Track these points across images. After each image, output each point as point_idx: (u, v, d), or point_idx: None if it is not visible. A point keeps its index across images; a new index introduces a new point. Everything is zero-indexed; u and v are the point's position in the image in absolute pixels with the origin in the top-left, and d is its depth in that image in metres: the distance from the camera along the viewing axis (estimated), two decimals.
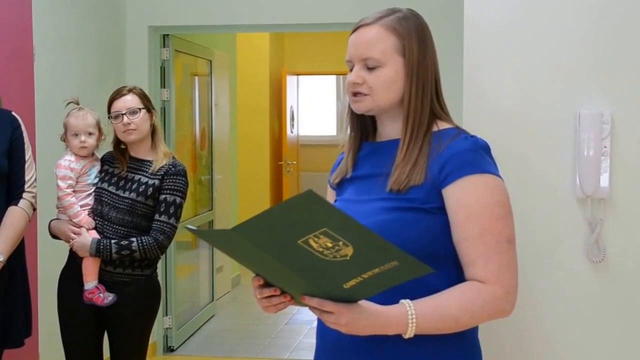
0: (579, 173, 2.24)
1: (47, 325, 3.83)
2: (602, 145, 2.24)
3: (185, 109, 6.13)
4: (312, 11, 5.14)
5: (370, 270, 1.46)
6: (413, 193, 1.70)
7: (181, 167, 3.41)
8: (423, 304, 1.63)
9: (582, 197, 2.25)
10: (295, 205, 1.38)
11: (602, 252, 2.25)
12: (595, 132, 2.22)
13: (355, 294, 1.54)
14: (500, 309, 1.68)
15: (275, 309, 1.66)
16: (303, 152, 10.14)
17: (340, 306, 1.55)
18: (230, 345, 5.85)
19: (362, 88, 1.76)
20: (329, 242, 1.41)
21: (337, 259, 1.44)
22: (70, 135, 3.35)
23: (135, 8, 5.28)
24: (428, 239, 1.68)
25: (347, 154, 1.89)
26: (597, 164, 2.23)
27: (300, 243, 1.42)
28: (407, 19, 1.78)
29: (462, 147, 1.71)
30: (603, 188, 2.24)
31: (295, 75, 9.83)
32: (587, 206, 2.25)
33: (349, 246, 1.41)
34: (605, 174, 2.24)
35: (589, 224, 2.26)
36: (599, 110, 2.24)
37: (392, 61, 1.74)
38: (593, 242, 2.25)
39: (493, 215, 1.67)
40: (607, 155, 2.24)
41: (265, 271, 1.59)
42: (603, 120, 2.24)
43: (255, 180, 8.87)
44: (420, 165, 1.71)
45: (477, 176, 1.68)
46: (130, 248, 3.26)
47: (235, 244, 1.48)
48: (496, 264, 1.66)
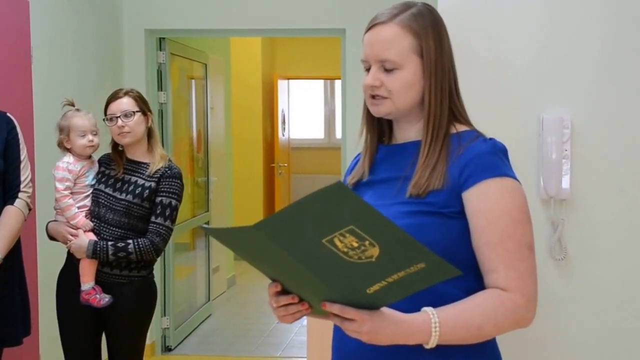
0: (543, 175, 2.35)
1: (48, 325, 3.81)
2: (563, 148, 2.33)
3: (182, 112, 6.15)
4: (302, 17, 5.26)
5: (396, 273, 1.38)
6: (432, 197, 1.63)
7: (177, 170, 3.42)
8: (446, 312, 1.55)
9: (546, 198, 2.35)
10: (323, 197, 1.29)
11: (563, 251, 2.36)
12: (557, 136, 2.32)
13: (378, 299, 1.45)
14: (522, 317, 1.60)
15: (292, 318, 1.55)
16: (294, 155, 10.23)
17: (363, 313, 1.46)
18: (225, 344, 5.94)
19: (380, 91, 1.69)
20: (355, 241, 1.33)
21: (362, 261, 1.36)
22: (77, 135, 3.35)
23: (131, 11, 5.32)
24: (447, 244, 1.61)
25: (363, 157, 1.81)
26: (559, 167, 2.33)
27: (325, 242, 1.33)
28: (423, 16, 1.69)
29: (482, 150, 1.65)
30: (564, 189, 2.35)
31: (286, 79, 9.90)
32: (550, 207, 2.36)
33: (375, 246, 1.34)
34: (566, 176, 2.34)
35: (551, 224, 2.37)
36: (560, 115, 2.34)
37: (409, 62, 1.67)
38: (555, 241, 2.36)
39: (514, 220, 1.61)
40: (568, 158, 2.34)
41: (283, 275, 1.49)
42: (564, 125, 2.33)
43: (249, 182, 8.95)
44: (439, 169, 1.65)
45: (497, 179, 1.62)
46: (127, 250, 3.29)
47: (254, 244, 1.38)
48: (517, 271, 1.59)
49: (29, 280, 3.29)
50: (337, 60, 6.25)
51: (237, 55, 8.20)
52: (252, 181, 9.02)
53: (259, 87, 9.03)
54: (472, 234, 1.62)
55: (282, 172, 9.48)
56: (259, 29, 5.42)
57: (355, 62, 5.06)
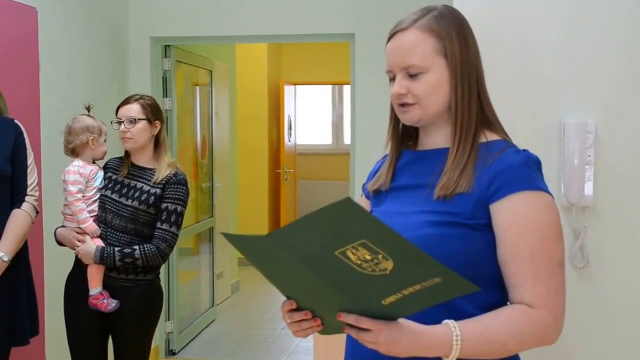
0: (564, 181, 2.30)
1: (54, 326, 3.88)
2: (586, 154, 2.28)
3: (187, 118, 6.18)
4: (309, 22, 5.22)
5: (411, 286, 1.35)
6: (458, 203, 1.59)
7: (182, 177, 3.46)
8: (468, 325, 1.50)
9: (567, 205, 2.30)
10: (331, 213, 1.27)
11: (585, 259, 2.31)
12: (579, 141, 2.27)
13: (394, 311, 1.42)
14: (548, 335, 1.54)
15: (304, 333, 1.53)
16: (300, 160, 10.20)
17: (379, 323, 1.42)
18: (229, 349, 5.92)
19: (407, 98, 1.65)
20: (368, 254, 1.31)
21: (376, 273, 1.33)
22: (103, 140, 3.48)
23: (137, 19, 5.33)
24: (471, 256, 1.56)
25: (387, 164, 1.77)
26: (582, 173, 2.28)
27: (337, 254, 1.31)
28: (444, 17, 1.65)
29: (514, 162, 1.59)
30: (587, 196, 2.30)
31: (292, 85, 9.88)
32: (571, 214, 2.31)
33: (389, 260, 1.31)
34: (589, 183, 2.29)
35: (573, 231, 2.31)
36: (583, 119, 2.29)
37: (434, 65, 1.63)
38: (577, 249, 2.31)
39: (545, 236, 1.55)
40: (591, 164, 2.29)
41: (298, 288, 1.47)
42: (587, 130, 2.28)
43: (254, 188, 8.94)
44: (467, 172, 1.60)
45: (529, 193, 1.56)
46: (133, 256, 3.32)
47: (269, 254, 1.37)
48: (546, 287, 1.53)
49: (35, 282, 3.34)
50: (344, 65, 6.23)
51: (242, 61, 8.20)
52: (257, 187, 9.00)
53: (265, 93, 9.01)
54: (500, 247, 1.57)
55: (288, 178, 9.44)
56: (267, 34, 5.39)
57: (365, 66, 5.08)
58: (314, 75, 10.00)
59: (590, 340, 2.34)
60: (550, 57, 2.33)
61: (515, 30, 2.35)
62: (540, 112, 2.34)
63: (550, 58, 2.33)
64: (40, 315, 3.40)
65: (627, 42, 2.30)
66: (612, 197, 2.31)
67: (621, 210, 2.31)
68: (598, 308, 2.33)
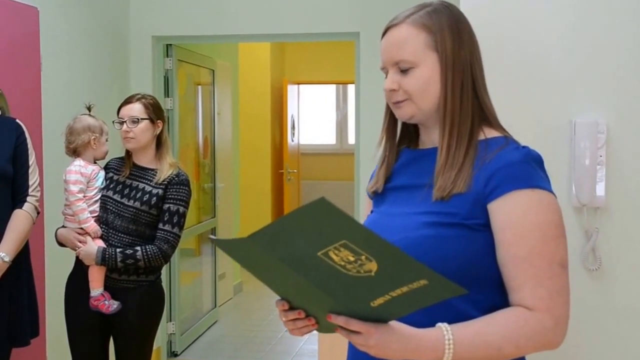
0: (575, 182, 2.26)
1: (54, 327, 3.88)
2: (597, 154, 2.24)
3: (189, 118, 6.16)
4: (313, 21, 5.18)
5: (398, 288, 1.32)
6: (455, 203, 1.54)
7: (184, 177, 3.44)
8: (462, 329, 1.45)
9: (578, 206, 2.27)
10: (307, 213, 1.24)
11: (598, 261, 2.27)
12: (591, 141, 2.23)
13: (384, 313, 1.39)
14: (549, 340, 1.48)
15: (300, 332, 1.50)
16: (304, 160, 10.16)
17: (369, 326, 1.38)
18: (232, 350, 5.88)
19: (398, 94, 1.61)
20: (351, 255, 1.27)
21: (361, 275, 1.29)
22: (105, 140, 3.46)
23: (138, 18, 5.31)
24: (470, 258, 1.51)
25: (381, 164, 1.74)
26: (593, 173, 2.24)
27: (320, 255, 1.28)
28: (438, 12, 1.61)
29: (512, 159, 1.53)
30: (599, 197, 2.26)
31: (295, 84, 9.84)
32: (583, 215, 2.27)
33: (372, 261, 1.28)
34: (601, 183, 2.26)
35: (585, 233, 2.28)
36: (595, 119, 2.25)
37: (425, 59, 1.58)
38: (589, 251, 2.27)
39: (545, 236, 1.49)
40: (603, 164, 2.25)
41: (289, 289, 1.44)
42: (599, 130, 2.24)
43: (257, 188, 8.91)
44: (465, 171, 1.55)
45: (528, 191, 1.50)
46: (135, 257, 3.31)
47: (255, 255, 1.35)
48: (546, 289, 1.48)
49: (36, 282, 3.34)
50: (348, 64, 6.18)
51: (245, 60, 8.17)
52: (259, 187, 8.96)
53: (268, 92, 8.97)
54: (498, 248, 1.52)
55: (291, 178, 9.41)
56: (270, 33, 5.35)
57: (370, 66, 5.03)
58: (317, 74, 9.96)
59: (603, 344, 2.30)
60: (562, 55, 2.30)
61: (526, 29, 2.32)
62: (551, 112, 2.30)
63: (562, 56, 2.30)
64: (41, 316, 3.39)
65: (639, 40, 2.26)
66: (624, 197, 2.28)
67: (634, 211, 2.28)
68: (611, 311, 2.29)
